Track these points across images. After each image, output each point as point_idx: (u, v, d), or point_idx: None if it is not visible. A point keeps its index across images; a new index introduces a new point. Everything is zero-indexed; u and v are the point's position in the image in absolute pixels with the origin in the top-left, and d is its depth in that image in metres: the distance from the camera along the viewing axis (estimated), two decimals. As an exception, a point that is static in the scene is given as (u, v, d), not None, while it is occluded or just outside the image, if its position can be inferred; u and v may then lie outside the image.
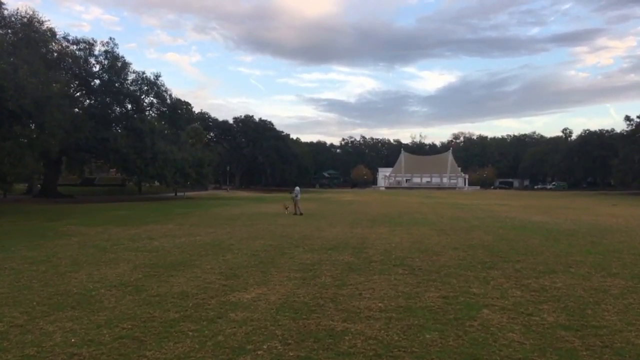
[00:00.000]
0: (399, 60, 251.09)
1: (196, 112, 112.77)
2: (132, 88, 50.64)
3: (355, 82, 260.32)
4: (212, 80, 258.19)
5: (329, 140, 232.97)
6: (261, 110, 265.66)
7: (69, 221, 22.37)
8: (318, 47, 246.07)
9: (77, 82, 49.40)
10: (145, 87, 51.48)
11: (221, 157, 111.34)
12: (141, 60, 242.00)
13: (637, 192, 74.47)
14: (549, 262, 11.07)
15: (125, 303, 7.15)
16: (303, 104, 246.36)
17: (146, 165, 44.89)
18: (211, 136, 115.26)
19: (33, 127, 24.84)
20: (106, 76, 48.88)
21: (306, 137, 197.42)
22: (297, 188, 29.45)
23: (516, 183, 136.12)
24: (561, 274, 9.73)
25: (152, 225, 19.99)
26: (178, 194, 58.56)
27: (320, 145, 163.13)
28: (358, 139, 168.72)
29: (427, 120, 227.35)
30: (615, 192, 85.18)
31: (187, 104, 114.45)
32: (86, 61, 49.10)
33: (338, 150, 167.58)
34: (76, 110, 49.45)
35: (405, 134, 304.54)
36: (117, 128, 47.96)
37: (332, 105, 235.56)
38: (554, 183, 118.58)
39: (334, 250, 12.83)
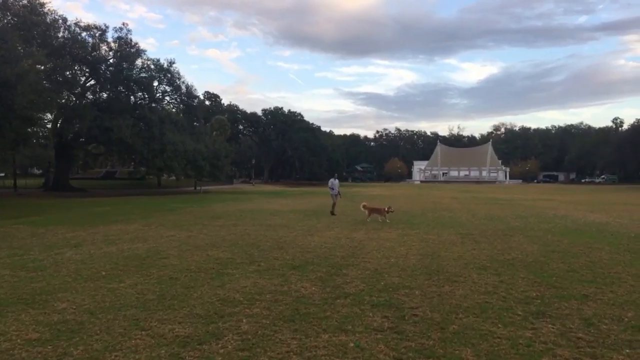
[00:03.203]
0: (439, 52, 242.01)
1: (225, 104, 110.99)
2: (142, 75, 47.66)
3: (395, 75, 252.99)
4: (251, 75, 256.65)
5: (365, 133, 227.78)
6: (299, 105, 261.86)
7: (28, 219, 19.09)
8: (357, 40, 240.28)
9: (86, 69, 46.82)
10: (157, 74, 48.32)
11: (251, 150, 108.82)
12: (183, 56, 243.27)
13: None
14: (638, 301, 6.61)
15: None
16: (341, 98, 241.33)
17: (154, 157, 41.74)
18: (240, 129, 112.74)
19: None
20: (114, 62, 45.96)
21: (343, 131, 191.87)
22: (333, 180, 22.56)
23: (561, 176, 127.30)
24: (673, 332, 5.30)
25: (112, 226, 16.37)
26: (196, 187, 55.56)
27: (353, 138, 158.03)
28: (393, 131, 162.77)
29: (468, 112, 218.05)
30: (674, 186, 77.24)
31: (216, 96, 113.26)
32: (95, 47, 46.29)
33: (372, 144, 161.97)
34: (90, 97, 47.14)
35: (444, 127, 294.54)
36: (126, 117, 44.77)
37: (370, 99, 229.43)
38: (603, 176, 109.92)
39: (300, 269, 8.70)
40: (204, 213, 22.07)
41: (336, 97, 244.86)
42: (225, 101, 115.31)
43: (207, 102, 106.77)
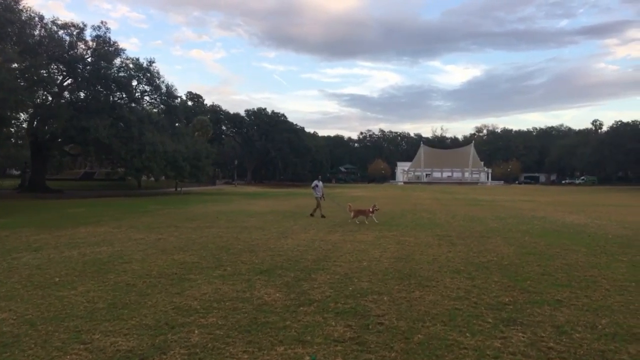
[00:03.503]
0: (423, 54, 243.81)
1: (208, 104, 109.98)
2: (121, 74, 46.75)
3: (379, 76, 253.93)
4: (236, 76, 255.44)
5: (349, 134, 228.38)
6: (284, 106, 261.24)
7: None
8: (342, 41, 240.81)
9: (63, 68, 45.74)
10: (136, 74, 47.45)
11: (235, 151, 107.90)
12: (167, 57, 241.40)
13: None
14: (613, 306, 6.38)
15: None
16: (326, 99, 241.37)
17: (132, 157, 40.92)
18: (223, 129, 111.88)
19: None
20: (92, 61, 44.98)
21: (328, 132, 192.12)
22: (317, 182, 21.55)
23: (542, 178, 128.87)
24: (647, 339, 5.06)
25: (80, 228, 15.80)
26: (177, 189, 54.74)
27: (337, 140, 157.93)
28: (377, 132, 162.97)
29: (451, 114, 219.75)
30: (651, 187, 78.47)
31: (199, 96, 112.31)
32: (72, 45, 45.26)
33: (356, 145, 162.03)
34: (67, 97, 46.08)
35: (427, 129, 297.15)
36: (104, 117, 43.79)
37: (355, 100, 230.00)
38: (582, 177, 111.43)
39: (267, 274, 8.33)
40: (179, 215, 21.56)
41: (321, 99, 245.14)
42: (209, 102, 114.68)
43: (189, 103, 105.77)
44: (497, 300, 6.67)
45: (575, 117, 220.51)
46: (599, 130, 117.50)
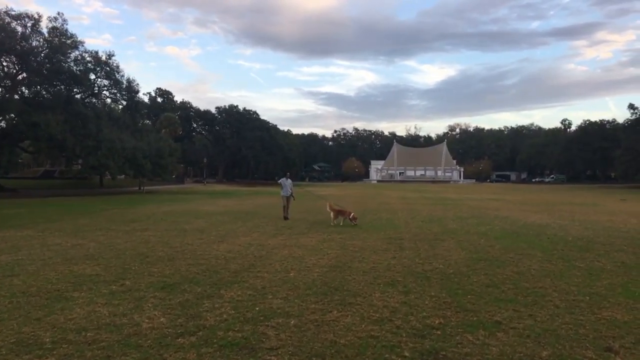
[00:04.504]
0: (399, 53, 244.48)
1: (178, 101, 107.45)
2: (79, 68, 44.58)
3: (355, 75, 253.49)
4: (212, 74, 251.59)
5: (324, 132, 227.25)
6: (260, 104, 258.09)
7: None
8: (319, 40, 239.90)
9: (16, 61, 43.38)
10: (93, 67, 45.32)
11: (206, 149, 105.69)
12: (141, 53, 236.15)
13: (643, 185, 68.66)
14: (560, 331, 5.35)
15: None
16: (302, 98, 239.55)
17: (87, 154, 38.95)
18: (194, 127, 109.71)
19: None
20: (46, 54, 42.74)
21: (305, 131, 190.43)
22: (285, 180, 19.78)
23: (513, 176, 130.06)
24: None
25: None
26: (140, 188, 52.71)
27: (311, 138, 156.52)
28: (351, 131, 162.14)
29: (426, 113, 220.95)
30: (617, 185, 79.52)
31: (168, 93, 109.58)
32: (26, 37, 42.91)
33: (330, 143, 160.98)
34: (21, 91, 43.76)
35: (402, 128, 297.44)
36: (57, 113, 41.59)
37: (331, 99, 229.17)
38: (552, 176, 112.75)
39: (169, 289, 7.08)
40: (122, 216, 20.06)
41: (297, 97, 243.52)
42: (185, 99, 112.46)
43: (158, 99, 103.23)
44: (425, 322, 5.57)
45: (546, 116, 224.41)
46: (568, 130, 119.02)
